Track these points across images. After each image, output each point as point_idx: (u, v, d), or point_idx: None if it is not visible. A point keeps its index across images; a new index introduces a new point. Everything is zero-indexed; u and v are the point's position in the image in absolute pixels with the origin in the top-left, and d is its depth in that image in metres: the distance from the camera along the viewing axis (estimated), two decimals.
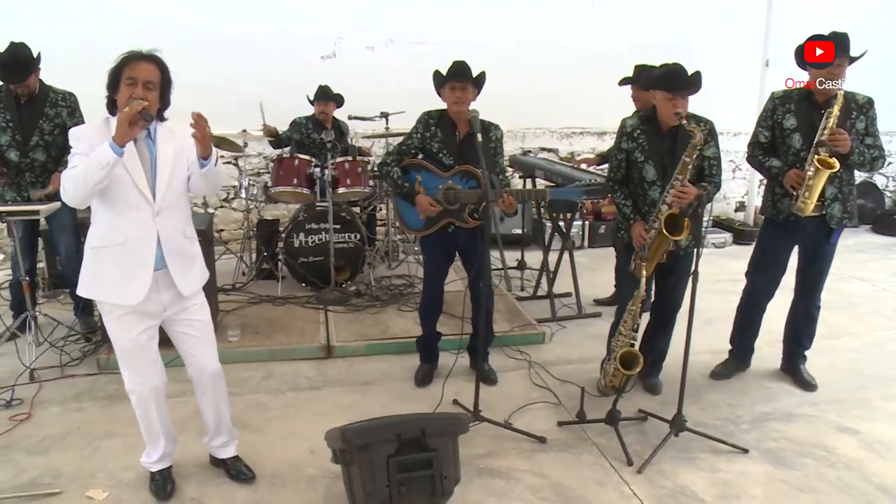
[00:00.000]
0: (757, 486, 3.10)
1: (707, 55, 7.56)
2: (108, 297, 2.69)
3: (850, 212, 3.79)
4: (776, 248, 3.95)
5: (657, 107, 3.48)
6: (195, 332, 2.89)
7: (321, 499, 2.96)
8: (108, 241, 2.65)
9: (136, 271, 2.65)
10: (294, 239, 5.36)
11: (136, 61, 2.59)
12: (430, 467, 2.46)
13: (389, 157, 3.90)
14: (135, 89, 2.55)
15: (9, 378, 3.98)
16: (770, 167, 3.79)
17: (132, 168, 2.60)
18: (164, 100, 2.71)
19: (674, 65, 3.42)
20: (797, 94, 3.72)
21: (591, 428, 3.54)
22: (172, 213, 2.73)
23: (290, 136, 5.76)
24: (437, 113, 3.84)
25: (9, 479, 3.09)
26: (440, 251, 3.91)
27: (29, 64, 4.29)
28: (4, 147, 4.39)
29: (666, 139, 3.52)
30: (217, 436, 3.10)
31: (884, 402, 3.90)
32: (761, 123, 3.85)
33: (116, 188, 2.59)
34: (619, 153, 3.66)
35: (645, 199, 3.58)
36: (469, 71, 3.67)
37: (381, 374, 4.22)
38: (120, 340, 2.77)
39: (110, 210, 2.64)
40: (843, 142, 3.50)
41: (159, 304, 2.76)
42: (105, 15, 6.38)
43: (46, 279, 5.57)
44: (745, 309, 4.14)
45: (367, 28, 7.06)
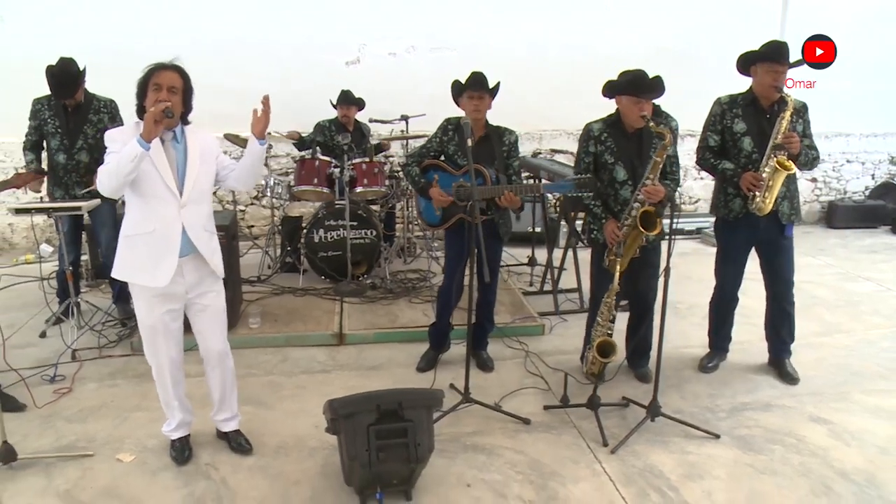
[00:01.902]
0: (722, 468, 3.33)
1: (721, 56, 7.73)
2: (138, 279, 3.06)
3: (796, 208, 4.04)
4: (734, 245, 4.17)
5: (622, 110, 3.74)
6: (208, 315, 3.24)
7: (319, 466, 3.30)
8: (139, 229, 3.01)
9: (163, 257, 3.00)
10: (314, 235, 5.73)
11: (160, 70, 2.94)
12: (406, 436, 2.77)
13: (411, 159, 4.26)
14: (160, 93, 2.89)
15: (53, 357, 4.43)
16: (724, 169, 3.98)
17: (160, 164, 2.94)
18: (187, 104, 3.04)
19: (637, 70, 3.67)
20: (742, 98, 3.95)
21: (574, 412, 3.81)
22: (196, 207, 3.07)
23: (314, 138, 6.13)
24: (455, 119, 4.16)
25: (51, 442, 3.52)
26: (459, 245, 4.14)
27: (76, 80, 4.73)
28: (53, 150, 4.85)
29: (632, 140, 3.77)
30: (221, 411, 3.44)
31: (863, 396, 4.07)
32: (709, 128, 4.05)
33: (146, 182, 2.94)
34: (587, 157, 3.91)
35: (617, 199, 3.83)
36: (486, 81, 3.99)
37: (387, 360, 4.55)
38: (145, 318, 3.14)
39: (141, 202, 2.99)
40: (795, 144, 3.74)
41: (182, 287, 3.11)
42: (142, 25, 6.84)
43: (90, 270, 6.03)
44: (718, 305, 4.37)
45: (389, 35, 7.40)
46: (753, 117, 3.90)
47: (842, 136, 8.67)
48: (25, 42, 6.55)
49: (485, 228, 3.90)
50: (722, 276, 4.30)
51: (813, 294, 5.87)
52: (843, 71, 7.61)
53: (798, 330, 4.39)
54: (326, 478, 3.21)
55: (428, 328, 4.51)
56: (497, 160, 4.01)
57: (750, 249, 4.18)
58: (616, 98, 3.78)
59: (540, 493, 3.14)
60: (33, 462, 3.29)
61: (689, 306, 5.51)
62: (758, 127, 3.88)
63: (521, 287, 5.98)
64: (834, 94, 7.90)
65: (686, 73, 7.85)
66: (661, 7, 7.75)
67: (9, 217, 7.05)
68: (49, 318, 5.08)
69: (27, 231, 7.22)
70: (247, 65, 6.97)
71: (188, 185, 3.02)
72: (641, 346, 4.14)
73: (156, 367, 3.25)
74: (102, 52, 6.21)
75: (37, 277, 5.62)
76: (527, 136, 8.03)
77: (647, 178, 3.61)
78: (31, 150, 4.93)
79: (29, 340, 4.80)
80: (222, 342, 3.33)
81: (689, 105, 7.84)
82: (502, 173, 4.02)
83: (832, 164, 8.78)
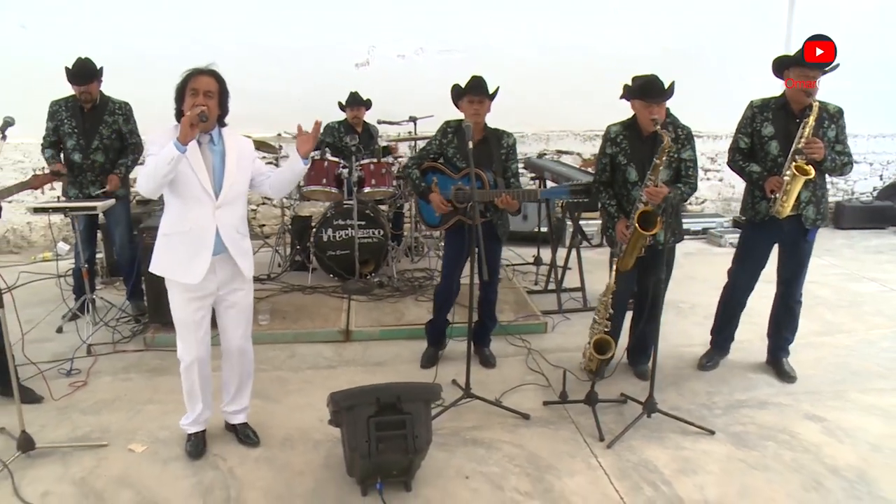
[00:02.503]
0: (715, 464, 3.41)
1: (729, 58, 7.82)
2: (173, 275, 3.20)
3: (823, 213, 4.07)
4: (756, 247, 4.23)
5: (637, 114, 3.82)
6: (234, 311, 3.38)
7: (322, 458, 3.42)
8: (176, 228, 3.15)
9: (197, 254, 3.13)
10: (323, 234, 5.85)
11: (197, 75, 3.06)
12: (404, 427, 2.88)
13: (411, 161, 4.36)
14: (197, 98, 3.01)
15: (70, 351, 4.57)
16: (751, 172, 4.06)
17: (196, 167, 3.07)
18: (223, 107, 3.16)
19: (649, 75, 3.75)
20: (774, 103, 4.00)
21: (572, 408, 3.90)
22: (230, 209, 3.19)
23: (324, 139, 6.24)
24: (455, 122, 4.26)
25: (67, 433, 3.66)
26: (458, 245, 4.26)
27: (93, 72, 4.89)
28: (70, 150, 5.00)
29: (646, 143, 3.85)
30: (233, 403, 3.57)
31: (859, 395, 4.13)
32: (741, 130, 4.13)
33: (183, 183, 3.06)
34: (604, 157, 4.00)
35: (629, 199, 3.92)
36: (486, 86, 4.08)
37: (392, 357, 4.67)
38: (178, 312, 3.28)
39: (178, 202, 3.12)
40: (818, 149, 3.77)
41: (214, 284, 3.25)
42: (157, 31, 7.01)
43: (104, 267, 6.19)
44: (727, 304, 4.43)
45: (398, 38, 7.52)
46: (782, 121, 3.95)
47: (849, 136, 8.62)
48: (46, 48, 6.71)
49: (484, 230, 3.98)
50: (735, 276, 4.36)
51: (816, 294, 5.92)
52: (850, 71, 7.62)
53: (799, 329, 4.45)
54: (329, 469, 3.33)
55: (425, 326, 4.61)
56: (495, 163, 4.10)
57: (769, 253, 4.24)
58: (631, 102, 3.87)
59: (536, 485, 3.24)
60: (50, 451, 3.43)
61: (691, 305, 5.59)
62: (785, 131, 3.93)
63: (527, 286, 6.07)
64: (841, 94, 7.87)
65: (692, 73, 7.91)
66: (668, 8, 7.81)
67: (27, 216, 7.25)
68: (65, 313, 5.24)
69: (45, 229, 7.40)
70: (259, 67, 7.11)
71: (225, 187, 3.14)
72: (641, 344, 4.20)
73: (185, 361, 3.35)
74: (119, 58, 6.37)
75: (54, 275, 5.78)
76: (533, 136, 8.13)
77: (648, 179, 3.69)
78: (50, 148, 5.08)
79: (46, 335, 4.95)
80: (245, 339, 3.47)
81: (694, 105, 7.92)
82: (500, 176, 4.10)
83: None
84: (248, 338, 3.50)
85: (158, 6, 7.04)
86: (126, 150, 5.14)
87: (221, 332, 3.45)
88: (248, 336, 3.50)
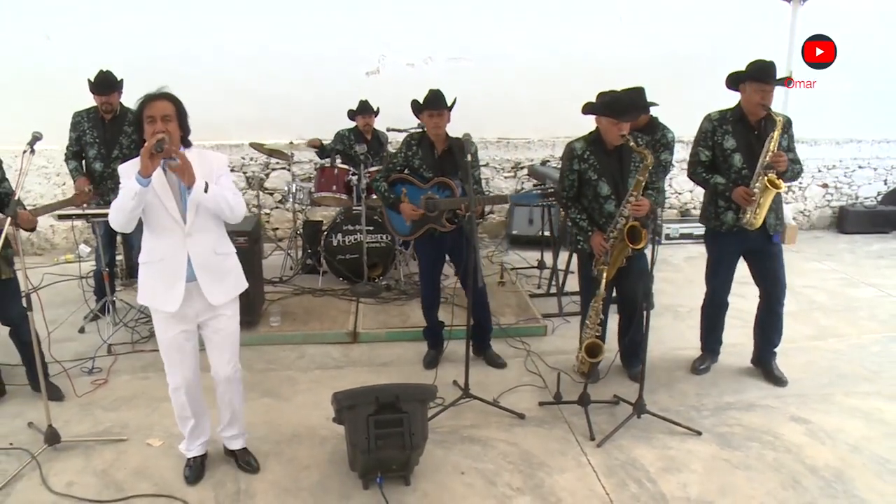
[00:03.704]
0: (699, 463, 3.59)
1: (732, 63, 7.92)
2: (153, 303, 3.19)
3: (781, 219, 4.29)
4: (724, 256, 4.40)
5: (602, 130, 3.98)
6: (218, 339, 3.31)
7: (328, 454, 3.65)
8: (150, 257, 3.14)
9: (172, 284, 3.09)
10: (333, 238, 6.08)
11: (150, 101, 2.97)
12: (402, 425, 3.10)
13: (379, 175, 4.55)
14: (155, 125, 2.92)
15: (91, 351, 4.83)
16: (716, 183, 4.20)
17: (163, 195, 3.02)
18: (184, 128, 3.06)
19: (615, 92, 3.94)
20: (731, 115, 4.17)
21: (566, 408, 4.10)
22: (203, 233, 3.12)
23: (334, 147, 6.47)
24: (418, 135, 4.51)
25: (89, 428, 3.92)
26: (431, 253, 4.54)
27: (114, 84, 5.15)
28: (91, 159, 5.26)
29: (613, 157, 4.02)
30: (228, 428, 3.52)
31: (844, 398, 4.28)
32: (700, 143, 4.28)
33: (153, 213, 3.03)
34: (571, 174, 4.13)
35: (601, 213, 4.07)
36: (443, 99, 4.30)
37: (396, 358, 4.88)
38: (161, 338, 3.25)
39: (150, 232, 3.11)
40: (783, 162, 3.98)
41: (193, 311, 3.19)
42: (175, 37, 7.23)
43: (124, 270, 6.45)
44: (709, 310, 4.62)
45: (408, 46, 7.71)
46: (742, 134, 4.13)
47: (853, 142, 8.78)
48: (69, 58, 6.99)
49: (456, 236, 4.19)
50: (713, 284, 4.54)
51: (812, 299, 6.07)
52: (854, 76, 7.80)
53: (792, 333, 4.62)
54: (334, 464, 3.55)
55: (423, 331, 4.82)
56: (461, 171, 4.26)
57: (738, 258, 4.41)
58: (596, 118, 4.03)
59: (527, 481, 3.44)
60: (74, 444, 3.69)
61: (689, 309, 5.74)
62: (746, 143, 4.11)
63: (529, 289, 6.26)
64: (845, 99, 8.06)
65: (695, 78, 8.06)
66: (674, 15, 7.93)
67: (50, 220, 7.51)
68: (87, 314, 5.50)
69: (67, 232, 7.68)
70: (272, 74, 7.37)
71: (189, 212, 3.06)
72: (633, 348, 4.36)
73: (172, 385, 3.33)
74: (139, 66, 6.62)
75: (76, 276, 6.06)
76: (539, 142, 8.31)
77: (630, 195, 3.85)
78: (72, 159, 5.34)
79: (69, 335, 5.22)
80: (231, 367, 3.38)
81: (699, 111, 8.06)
82: (467, 182, 4.28)
83: (843, 169, 8.88)
84: (235, 364, 3.40)
85: (175, 16, 7.27)
86: None
87: (210, 360, 3.38)
88: (234, 362, 3.40)
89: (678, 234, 8.05)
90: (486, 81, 7.67)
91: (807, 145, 8.30)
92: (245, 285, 3.39)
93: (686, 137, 8.45)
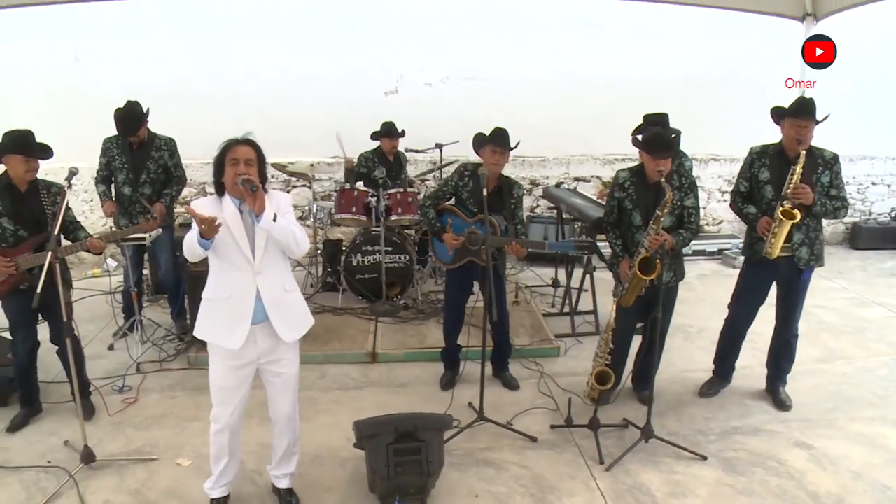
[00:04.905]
0: (704, 488, 3.74)
1: (746, 83, 8.05)
2: (214, 339, 3.23)
3: (817, 254, 4.35)
4: (755, 284, 4.52)
5: (644, 163, 4.14)
6: (280, 382, 3.37)
7: (349, 475, 3.83)
8: (217, 294, 3.20)
9: (237, 323, 3.14)
10: (352, 258, 6.27)
11: (234, 145, 3.13)
12: (420, 454, 3.28)
13: (428, 201, 4.73)
14: (238, 167, 3.07)
15: (120, 368, 5.06)
16: (748, 213, 4.38)
17: (238, 235, 3.12)
18: (262, 174, 3.18)
19: (656, 130, 4.08)
20: (772, 149, 4.31)
21: (577, 431, 4.25)
22: (272, 271, 3.20)
23: (357, 170, 6.65)
24: (472, 166, 4.63)
25: (121, 447, 4.13)
26: (460, 280, 4.73)
27: (140, 119, 5.33)
28: (120, 184, 5.47)
29: (651, 190, 4.16)
30: (279, 467, 3.58)
31: (848, 423, 4.40)
32: (741, 175, 4.45)
33: (224, 250, 3.12)
34: (612, 200, 4.32)
35: (633, 241, 4.23)
36: (508, 138, 4.44)
37: (414, 378, 5.06)
38: (216, 378, 3.30)
39: (219, 268, 3.19)
40: (806, 195, 4.08)
41: (255, 353, 3.24)
42: (202, 60, 7.51)
43: (150, 286, 6.68)
44: (728, 336, 4.73)
45: (425, 66, 7.92)
46: (777, 167, 4.26)
47: (867, 158, 8.87)
48: (97, 79, 7.26)
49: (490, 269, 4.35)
50: (735, 311, 4.66)
51: (822, 319, 6.17)
52: (868, 94, 7.88)
53: (800, 356, 4.74)
54: (354, 485, 3.73)
55: (440, 352, 4.99)
56: (505, 210, 4.45)
57: (768, 290, 4.52)
58: (639, 152, 4.19)
59: None
60: (108, 463, 3.89)
61: (699, 330, 5.87)
62: (779, 176, 4.22)
63: (544, 308, 6.41)
64: (859, 116, 8.13)
65: (710, 98, 8.22)
66: (687, 36, 8.05)
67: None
68: (116, 332, 5.74)
69: None
70: (294, 96, 7.62)
71: (258, 252, 3.15)
72: (645, 372, 4.51)
73: (216, 427, 3.36)
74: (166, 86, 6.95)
75: (104, 291, 6.30)
76: (554, 160, 8.47)
77: (651, 228, 4.00)
78: (101, 183, 5.56)
79: (99, 352, 5.44)
80: (291, 408, 3.46)
81: (712, 129, 8.22)
82: (509, 222, 4.45)
83: (857, 185, 8.96)
84: (295, 406, 3.49)
85: (201, 38, 7.52)
86: (171, 181, 5.60)
87: (270, 401, 3.44)
88: (295, 404, 3.48)
89: (691, 251, 8.13)
90: (502, 100, 7.84)
91: None
92: (312, 321, 3.47)
93: (700, 156, 8.64)
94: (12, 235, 4.04)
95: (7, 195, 4.03)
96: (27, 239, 4.05)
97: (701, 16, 7.50)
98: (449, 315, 4.88)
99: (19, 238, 4.05)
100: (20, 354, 4.27)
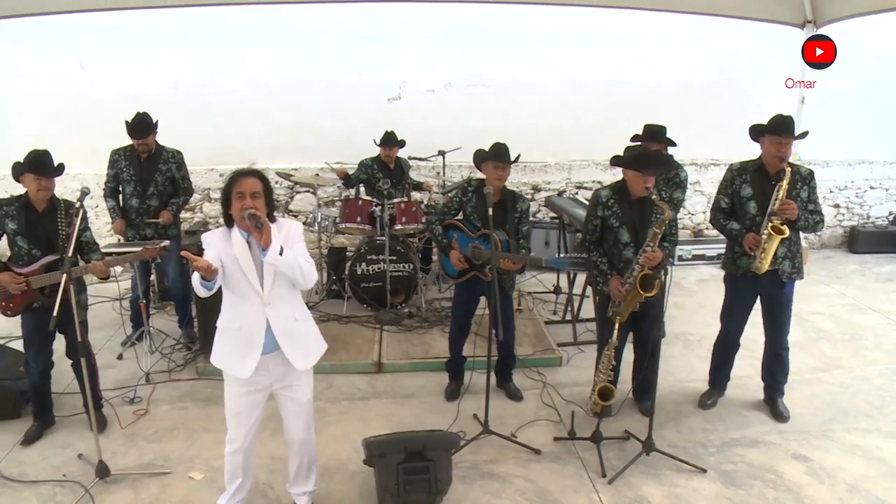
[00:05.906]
0: (704, 501, 3.83)
1: (746, 88, 8.12)
2: (225, 367, 3.30)
3: (797, 267, 4.47)
4: (740, 298, 4.63)
5: (628, 181, 4.21)
6: (293, 407, 3.44)
7: (358, 488, 3.92)
8: (228, 324, 3.26)
9: (248, 352, 3.21)
10: (357, 267, 6.36)
11: (241, 178, 3.13)
12: (428, 472, 3.38)
13: (435, 217, 4.81)
14: (244, 201, 3.07)
15: (130, 378, 5.16)
16: (731, 229, 4.46)
17: (246, 267, 3.15)
18: (269, 205, 3.20)
19: (643, 147, 4.16)
20: (752, 165, 4.41)
21: (580, 444, 4.34)
22: (282, 302, 3.23)
23: (358, 176, 6.74)
24: (476, 182, 4.72)
25: (134, 460, 4.21)
26: (467, 294, 4.82)
27: (150, 126, 5.42)
28: (128, 195, 5.56)
29: (635, 206, 4.25)
30: (296, 485, 3.68)
31: (844, 434, 4.49)
32: (722, 191, 4.54)
33: (234, 282, 3.16)
34: (595, 219, 4.37)
35: (620, 258, 4.31)
36: (508, 153, 4.50)
37: (419, 388, 5.15)
38: (229, 403, 3.37)
39: (230, 299, 3.24)
40: (792, 211, 4.18)
41: (267, 380, 3.32)
42: (206, 68, 7.57)
43: (156, 293, 6.76)
44: (721, 348, 4.84)
45: (428, 73, 7.98)
46: (759, 183, 4.35)
47: (865, 163, 8.94)
48: (102, 85, 7.33)
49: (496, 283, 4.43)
50: (727, 324, 4.77)
51: (819, 327, 6.27)
52: (867, 98, 7.96)
53: (797, 365, 4.83)
54: (364, 498, 3.83)
55: (445, 363, 5.10)
56: (509, 224, 4.52)
57: (754, 301, 4.62)
58: (623, 170, 4.26)
59: None
60: (122, 477, 3.98)
61: (699, 338, 5.97)
62: (762, 192, 4.33)
63: (546, 315, 6.51)
64: (856, 120, 8.23)
65: (710, 103, 8.29)
66: (689, 43, 8.12)
67: None
68: (124, 341, 5.82)
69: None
70: (297, 103, 7.69)
71: (266, 283, 3.18)
72: (645, 384, 4.58)
73: (230, 448, 3.45)
74: (170, 93, 7.00)
75: (111, 297, 6.38)
76: (556, 166, 8.54)
77: (647, 245, 4.09)
78: (110, 196, 5.63)
79: (108, 362, 5.51)
80: (305, 432, 3.51)
81: (712, 133, 8.29)
82: (512, 237, 4.52)
83: (855, 190, 9.05)
84: (310, 429, 3.55)
85: (205, 46, 7.58)
86: (178, 192, 5.69)
87: (283, 421, 3.50)
88: (310, 427, 3.54)
89: (691, 256, 8.25)
90: (504, 107, 7.95)
91: (819, 166, 8.47)
92: (325, 347, 3.54)
93: (699, 160, 8.72)
94: (27, 254, 4.13)
95: (24, 214, 4.12)
96: (39, 258, 4.14)
97: (701, 22, 7.57)
98: (455, 325, 4.98)
99: (32, 257, 4.13)
100: (32, 374, 4.34)
